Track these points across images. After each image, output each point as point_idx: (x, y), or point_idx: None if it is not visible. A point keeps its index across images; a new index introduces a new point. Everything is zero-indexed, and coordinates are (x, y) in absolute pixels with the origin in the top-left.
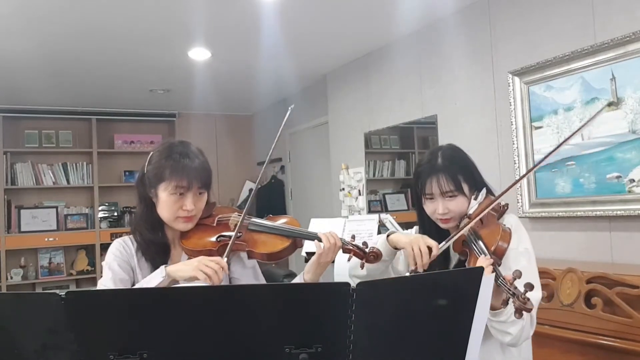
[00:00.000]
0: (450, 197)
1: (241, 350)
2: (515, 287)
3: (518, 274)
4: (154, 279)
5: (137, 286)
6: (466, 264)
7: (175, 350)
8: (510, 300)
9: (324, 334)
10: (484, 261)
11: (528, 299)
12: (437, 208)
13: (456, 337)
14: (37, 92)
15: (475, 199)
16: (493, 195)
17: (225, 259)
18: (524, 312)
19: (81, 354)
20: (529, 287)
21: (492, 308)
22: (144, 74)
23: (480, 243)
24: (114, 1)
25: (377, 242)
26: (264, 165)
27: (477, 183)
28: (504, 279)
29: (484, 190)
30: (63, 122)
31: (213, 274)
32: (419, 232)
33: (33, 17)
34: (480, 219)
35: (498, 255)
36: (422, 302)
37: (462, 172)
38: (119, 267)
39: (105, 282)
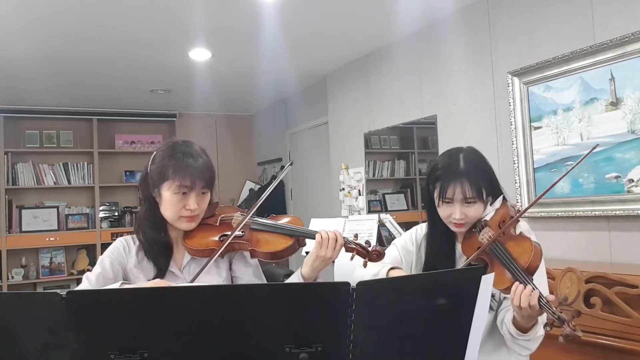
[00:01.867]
0: (470, 203)
1: (241, 349)
2: (561, 312)
3: (563, 298)
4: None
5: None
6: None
7: (176, 349)
8: (560, 325)
9: (324, 333)
10: (528, 292)
11: (576, 326)
12: (453, 213)
13: (456, 337)
14: (37, 93)
15: (491, 204)
16: (506, 202)
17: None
18: (570, 338)
19: (82, 353)
20: (577, 314)
21: (521, 329)
22: (144, 74)
23: (510, 257)
24: (115, 1)
25: (378, 274)
26: (279, 177)
27: (494, 189)
28: (547, 301)
29: (501, 197)
30: (64, 122)
31: None
32: (428, 234)
33: (33, 17)
34: (500, 228)
35: (530, 272)
36: (422, 302)
37: (483, 178)
38: (110, 265)
39: (90, 276)
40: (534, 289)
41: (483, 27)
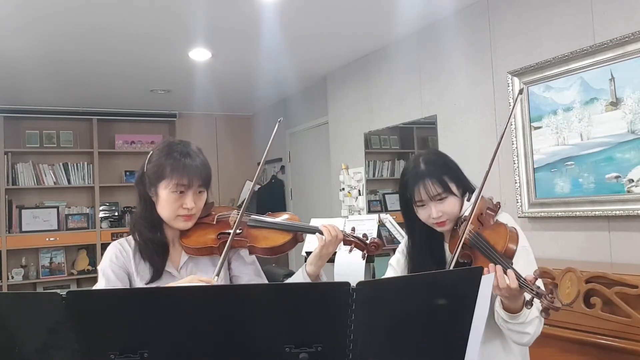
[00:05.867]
0: (440, 199)
1: (241, 349)
2: (539, 287)
3: (539, 274)
4: None
5: None
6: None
7: (176, 349)
8: (537, 300)
9: (324, 333)
10: (500, 269)
11: (554, 298)
12: (430, 213)
13: (456, 336)
14: (37, 92)
15: (468, 200)
16: (483, 195)
17: (216, 279)
18: (550, 311)
19: (82, 353)
20: (555, 286)
21: (510, 311)
22: (144, 74)
23: (488, 245)
24: (115, 2)
25: None
26: (260, 167)
27: (463, 183)
28: (525, 280)
29: (475, 191)
30: (64, 122)
31: None
32: (408, 243)
33: (33, 17)
34: (480, 221)
35: (508, 257)
36: (422, 301)
37: (446, 173)
38: (113, 273)
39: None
40: (508, 269)
41: (483, 27)
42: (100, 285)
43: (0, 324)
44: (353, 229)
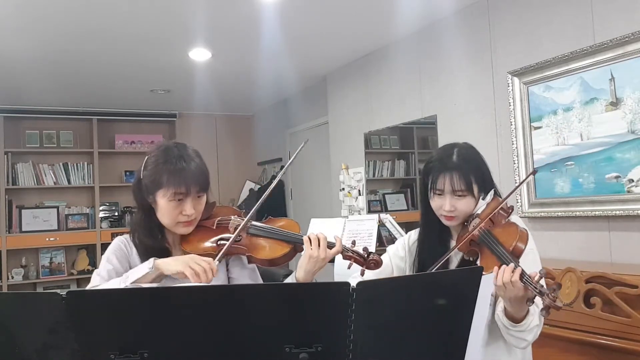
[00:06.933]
0: (460, 196)
1: (241, 349)
2: (542, 286)
3: (544, 273)
4: (141, 270)
5: (124, 276)
6: (478, 263)
7: (176, 349)
8: (539, 299)
9: (324, 333)
10: (510, 268)
11: (557, 297)
12: (444, 204)
13: (456, 336)
14: (37, 92)
15: (483, 199)
16: (500, 196)
17: (217, 263)
18: (551, 310)
19: (82, 353)
20: (558, 286)
21: (513, 320)
22: (144, 75)
23: (497, 242)
24: (115, 1)
25: None
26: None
27: (486, 184)
28: (529, 277)
29: (492, 191)
30: (64, 122)
31: (202, 272)
32: (421, 231)
33: (33, 17)
34: (491, 219)
35: (516, 255)
36: (422, 301)
37: (474, 173)
38: (117, 261)
39: (101, 272)
40: (516, 267)
41: (483, 27)
42: (102, 268)
43: (0, 324)
44: (353, 243)
